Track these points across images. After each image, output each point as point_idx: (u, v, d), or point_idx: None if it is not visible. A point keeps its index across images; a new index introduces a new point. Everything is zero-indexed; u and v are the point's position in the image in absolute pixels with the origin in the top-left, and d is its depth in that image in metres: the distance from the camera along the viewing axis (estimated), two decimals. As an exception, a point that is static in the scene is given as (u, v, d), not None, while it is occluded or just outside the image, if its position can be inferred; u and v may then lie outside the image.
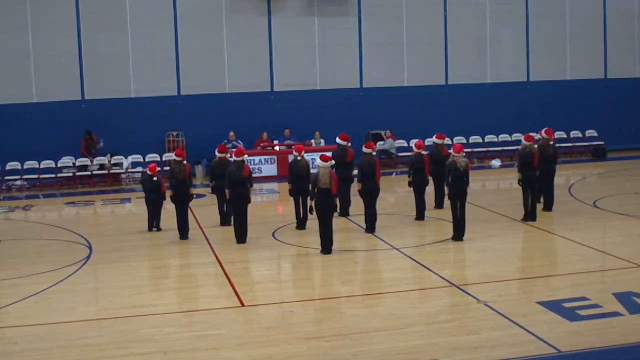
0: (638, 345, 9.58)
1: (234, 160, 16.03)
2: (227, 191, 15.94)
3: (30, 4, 24.81)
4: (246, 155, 16.91)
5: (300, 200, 16.82)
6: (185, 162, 16.67)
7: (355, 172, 17.08)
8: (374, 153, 16.72)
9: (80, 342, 10.27)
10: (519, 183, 17.12)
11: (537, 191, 17.69)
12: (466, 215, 15.53)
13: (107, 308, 11.87)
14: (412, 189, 17.61)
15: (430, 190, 18.12)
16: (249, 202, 15.98)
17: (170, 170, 16.80)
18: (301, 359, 9.48)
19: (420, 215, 17.54)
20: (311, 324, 10.92)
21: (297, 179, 16.63)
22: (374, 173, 16.13)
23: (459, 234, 15.41)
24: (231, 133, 25.40)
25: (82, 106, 25.37)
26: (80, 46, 25.21)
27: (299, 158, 16.70)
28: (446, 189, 15.56)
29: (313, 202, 14.72)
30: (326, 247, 14.66)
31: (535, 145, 17.29)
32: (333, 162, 15.67)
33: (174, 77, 26.04)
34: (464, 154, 15.55)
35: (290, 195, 16.91)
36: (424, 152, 17.69)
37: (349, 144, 17.83)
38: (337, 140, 17.90)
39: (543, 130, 18.04)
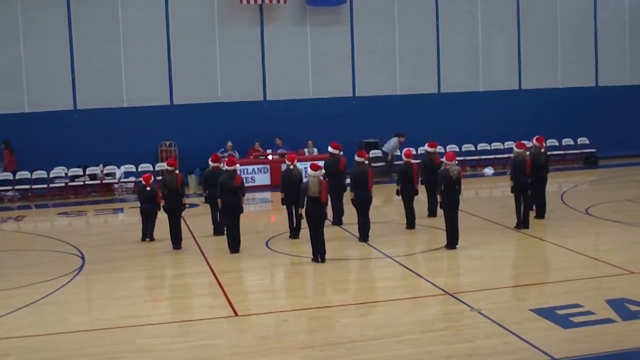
0: (631, 352, 9.61)
1: (226, 170, 16.04)
2: (219, 201, 15.95)
3: (22, 13, 24.80)
4: (238, 165, 16.91)
5: (294, 210, 16.82)
6: (177, 171, 16.67)
7: (348, 180, 17.10)
8: (367, 162, 16.75)
9: (74, 354, 10.25)
10: (511, 191, 17.17)
11: (530, 199, 17.74)
12: (459, 223, 15.55)
13: (101, 319, 11.84)
14: (401, 198, 17.62)
15: (423, 198, 18.13)
16: (242, 211, 15.98)
17: (162, 180, 16.81)
18: (295, 368, 9.50)
19: (410, 224, 17.53)
20: (305, 333, 10.92)
21: (289, 188, 16.61)
22: (366, 182, 16.14)
23: (452, 242, 15.42)
24: (229, 143, 25.38)
25: (75, 116, 25.34)
26: (72, 56, 25.20)
27: (291, 167, 16.71)
28: (439, 197, 15.57)
29: (303, 210, 14.74)
30: (319, 255, 14.66)
31: (528, 153, 17.36)
32: (324, 171, 15.68)
33: (167, 86, 26.04)
34: (457, 162, 15.58)
35: (283, 204, 16.92)
36: (413, 162, 17.71)
37: (341, 152, 17.87)
38: (329, 149, 17.95)
39: (534, 139, 18.12)
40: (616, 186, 23.67)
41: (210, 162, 17.50)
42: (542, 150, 18.00)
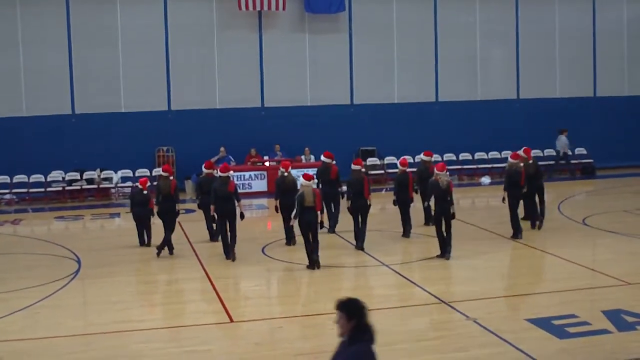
0: (626, 363, 9.61)
1: (219, 176, 16.05)
2: (212, 207, 15.91)
3: (21, 18, 24.80)
4: (232, 172, 16.91)
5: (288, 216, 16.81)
6: (171, 177, 16.69)
7: (344, 188, 17.13)
8: (363, 170, 16.79)
9: (68, 358, 10.24)
10: (502, 201, 17.25)
11: (525, 208, 17.82)
12: (455, 233, 15.50)
13: (95, 323, 11.81)
14: (397, 207, 17.63)
15: (419, 206, 18.11)
16: (243, 217, 15.99)
17: (157, 185, 16.85)
18: (290, 376, 9.48)
19: (407, 233, 17.55)
20: (300, 340, 10.90)
21: (283, 195, 16.61)
22: (362, 189, 16.16)
23: (445, 251, 15.38)
24: (222, 149, 25.37)
25: (72, 120, 25.33)
26: (71, 60, 25.19)
27: (285, 174, 16.74)
28: (431, 206, 15.49)
29: (295, 221, 14.89)
30: (313, 261, 14.67)
31: (522, 164, 17.41)
32: (316, 180, 15.74)
33: (165, 92, 26.04)
34: (447, 172, 15.61)
35: (277, 211, 16.87)
36: (408, 170, 17.73)
37: (333, 161, 17.95)
38: (322, 157, 18.13)
39: (521, 150, 18.16)
40: (613, 197, 23.68)
41: (203, 169, 17.46)
42: (530, 161, 18.07)
